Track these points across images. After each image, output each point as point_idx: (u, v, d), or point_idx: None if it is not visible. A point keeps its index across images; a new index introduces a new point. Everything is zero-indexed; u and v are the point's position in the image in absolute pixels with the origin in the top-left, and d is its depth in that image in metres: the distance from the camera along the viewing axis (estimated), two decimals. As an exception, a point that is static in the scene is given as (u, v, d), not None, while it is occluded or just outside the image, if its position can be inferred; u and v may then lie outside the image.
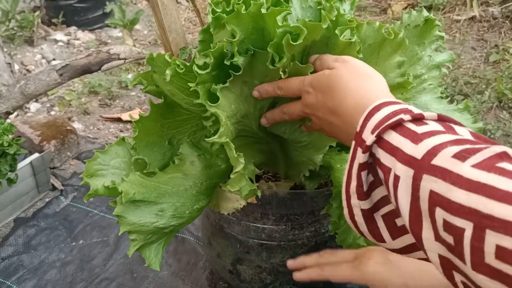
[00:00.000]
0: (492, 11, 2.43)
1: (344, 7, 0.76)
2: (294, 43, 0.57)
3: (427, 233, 0.38)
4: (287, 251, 0.89)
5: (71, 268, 1.21)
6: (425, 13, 0.82)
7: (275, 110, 0.68)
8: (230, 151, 0.63)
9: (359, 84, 0.53)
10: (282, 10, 0.57)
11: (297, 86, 0.60)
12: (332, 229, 0.77)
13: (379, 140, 0.45)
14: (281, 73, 0.61)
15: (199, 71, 0.60)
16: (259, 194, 0.72)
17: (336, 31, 0.59)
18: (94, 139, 1.81)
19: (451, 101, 0.90)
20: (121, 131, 1.86)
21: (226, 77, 0.62)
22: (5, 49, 1.96)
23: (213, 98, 0.62)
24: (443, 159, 0.37)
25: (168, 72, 0.62)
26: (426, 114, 0.45)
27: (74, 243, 1.30)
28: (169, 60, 0.63)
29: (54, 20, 2.77)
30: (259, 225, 0.88)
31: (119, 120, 1.92)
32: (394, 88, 0.68)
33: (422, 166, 0.39)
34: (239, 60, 0.61)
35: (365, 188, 0.48)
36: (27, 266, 1.22)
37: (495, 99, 1.82)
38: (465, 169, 0.35)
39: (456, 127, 0.43)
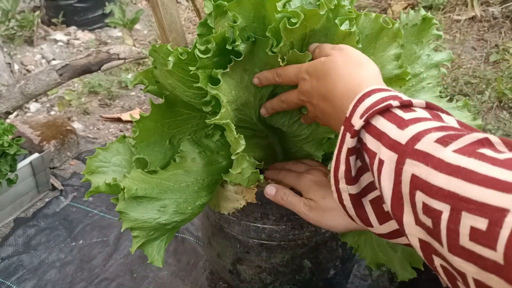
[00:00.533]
0: (492, 11, 2.43)
1: (344, 3, 0.77)
2: (291, 27, 0.57)
3: (408, 217, 0.39)
4: (287, 251, 0.89)
5: (71, 268, 1.21)
6: (422, 12, 0.82)
7: (274, 100, 0.68)
8: (230, 132, 0.63)
9: (352, 70, 0.54)
10: None
11: (294, 73, 0.61)
12: None
13: (367, 125, 0.46)
14: (279, 60, 0.62)
15: (201, 55, 0.61)
16: (262, 179, 0.72)
17: (336, 21, 0.60)
18: (94, 139, 1.81)
19: (451, 101, 0.90)
20: (121, 131, 1.86)
21: (227, 64, 0.63)
22: (5, 49, 1.96)
23: (214, 82, 0.63)
24: (426, 144, 0.38)
25: (170, 59, 0.62)
26: (414, 101, 0.45)
27: (74, 243, 1.30)
28: (171, 50, 0.63)
29: (54, 20, 2.77)
30: (259, 225, 0.88)
31: (119, 120, 1.92)
32: (393, 80, 0.69)
33: (405, 151, 0.39)
34: (241, 46, 0.62)
35: (353, 173, 0.48)
36: (27, 266, 1.22)
37: (495, 99, 1.82)
38: (447, 153, 0.36)
39: (443, 115, 0.44)
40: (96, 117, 1.95)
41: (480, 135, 0.36)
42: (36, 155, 1.39)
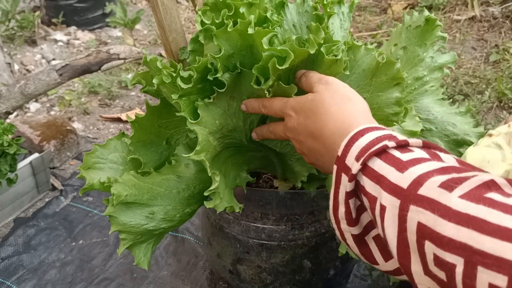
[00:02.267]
0: (492, 11, 2.43)
1: (342, 9, 0.76)
2: (280, 67, 0.56)
3: (416, 267, 0.37)
4: (287, 251, 0.89)
5: (71, 268, 1.21)
6: (426, 13, 0.80)
7: (263, 128, 0.67)
8: (207, 169, 0.62)
9: (340, 107, 0.52)
10: (268, 32, 0.56)
11: (280, 108, 0.59)
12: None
13: (364, 167, 0.44)
14: (266, 92, 0.60)
15: (182, 85, 0.59)
16: (238, 210, 0.71)
17: (322, 49, 0.58)
18: (94, 139, 1.81)
19: (450, 100, 0.89)
20: (121, 131, 1.87)
21: (212, 90, 0.62)
22: (5, 49, 1.96)
23: (197, 112, 0.61)
24: (430, 189, 0.36)
25: (154, 81, 0.62)
26: (410, 140, 0.44)
27: (74, 243, 1.30)
28: (160, 67, 0.62)
29: (54, 20, 2.77)
30: (259, 225, 0.88)
31: (119, 120, 1.92)
32: (388, 118, 0.65)
33: (408, 196, 0.38)
34: (224, 76, 0.60)
35: (353, 215, 0.47)
36: (27, 266, 1.22)
37: (495, 99, 1.82)
38: (453, 200, 0.34)
39: (441, 154, 0.42)
40: (96, 117, 1.95)
41: (485, 177, 0.35)
42: (36, 155, 1.39)
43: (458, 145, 0.85)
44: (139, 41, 2.67)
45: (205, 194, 0.65)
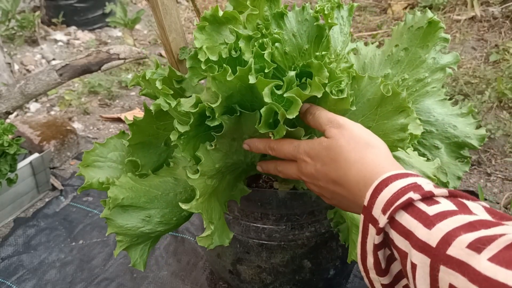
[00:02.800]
0: (492, 11, 2.42)
1: (342, 13, 0.75)
2: (289, 116, 0.55)
3: None
4: (287, 251, 0.89)
5: (71, 268, 1.21)
6: (429, 14, 0.79)
7: (269, 164, 0.65)
8: (203, 219, 0.63)
9: (362, 154, 0.52)
10: (269, 82, 0.55)
11: (291, 152, 0.58)
12: (334, 226, 0.77)
13: (391, 221, 0.44)
14: (270, 135, 0.59)
15: (180, 128, 0.59)
16: (227, 243, 0.71)
17: (327, 89, 0.57)
18: (94, 139, 1.81)
19: (452, 101, 0.88)
20: (121, 130, 1.87)
21: (211, 127, 0.61)
22: (5, 49, 1.96)
23: (196, 155, 0.61)
24: (458, 250, 0.37)
25: (152, 108, 0.62)
26: (436, 191, 0.43)
27: (74, 243, 1.30)
28: (159, 88, 0.62)
29: (54, 20, 2.77)
30: (259, 225, 0.88)
31: (119, 120, 1.92)
32: (393, 144, 0.65)
33: (437, 256, 0.38)
34: (223, 118, 0.59)
35: (383, 265, 0.47)
36: (27, 266, 1.22)
37: (495, 99, 1.82)
38: (482, 263, 0.35)
39: (468, 203, 0.42)
40: (96, 117, 1.95)
41: None
42: (36, 155, 1.39)
43: (459, 147, 0.85)
44: (139, 41, 2.67)
45: (198, 239, 0.65)
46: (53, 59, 2.47)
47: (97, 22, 2.82)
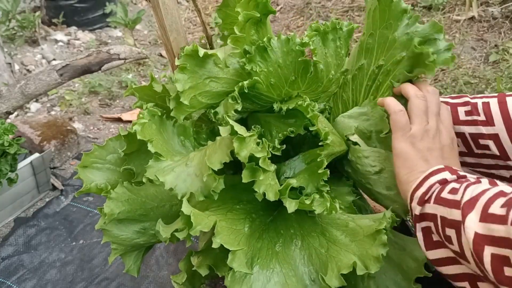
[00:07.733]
0: (492, 11, 2.43)
1: (339, 34, 0.76)
2: None
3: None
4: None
5: (71, 268, 1.21)
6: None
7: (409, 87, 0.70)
8: None
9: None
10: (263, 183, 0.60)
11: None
12: None
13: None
14: None
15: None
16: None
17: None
18: (94, 139, 1.81)
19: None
20: (121, 131, 1.87)
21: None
22: (6, 49, 1.96)
23: None
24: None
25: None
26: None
27: (74, 243, 1.30)
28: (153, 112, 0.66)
29: (54, 20, 2.77)
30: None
31: (119, 120, 1.93)
32: None
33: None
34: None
35: (426, 197, 0.57)
36: (27, 266, 1.22)
37: (495, 99, 1.82)
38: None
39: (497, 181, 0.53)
40: (96, 117, 1.96)
41: None
42: (36, 155, 1.39)
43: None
44: (139, 41, 2.67)
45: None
46: (54, 59, 2.47)
47: (98, 22, 2.82)
